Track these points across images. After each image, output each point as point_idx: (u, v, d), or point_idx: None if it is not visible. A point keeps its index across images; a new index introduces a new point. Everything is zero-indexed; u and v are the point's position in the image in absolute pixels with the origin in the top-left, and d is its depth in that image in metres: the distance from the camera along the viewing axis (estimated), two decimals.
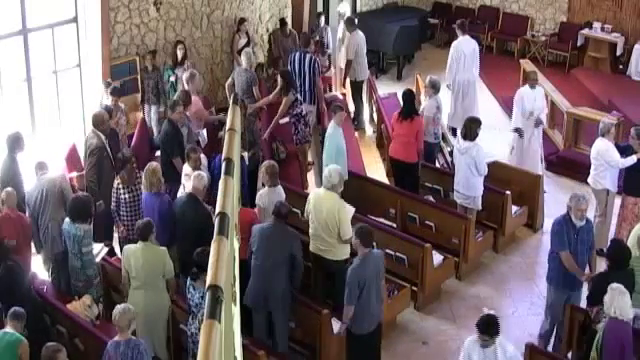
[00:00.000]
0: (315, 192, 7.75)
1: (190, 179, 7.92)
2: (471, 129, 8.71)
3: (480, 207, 8.86)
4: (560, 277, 7.18)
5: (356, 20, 12.66)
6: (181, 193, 8.33)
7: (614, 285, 6.12)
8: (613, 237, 8.21)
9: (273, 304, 6.99)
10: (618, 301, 5.99)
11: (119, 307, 6.01)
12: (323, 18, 13.58)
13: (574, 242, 7.05)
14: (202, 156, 8.74)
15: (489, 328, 5.80)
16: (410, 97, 9.61)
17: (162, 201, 7.67)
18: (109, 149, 8.52)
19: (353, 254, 7.05)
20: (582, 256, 7.12)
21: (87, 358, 6.77)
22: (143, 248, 6.84)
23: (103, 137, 8.47)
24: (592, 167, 8.92)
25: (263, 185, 8.04)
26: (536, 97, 10.26)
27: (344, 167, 8.70)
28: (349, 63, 12.08)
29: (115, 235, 8.96)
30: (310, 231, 7.57)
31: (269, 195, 7.71)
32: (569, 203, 7.08)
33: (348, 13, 12.99)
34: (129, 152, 8.47)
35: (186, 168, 8.44)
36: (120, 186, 7.94)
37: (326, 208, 7.34)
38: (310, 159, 10.92)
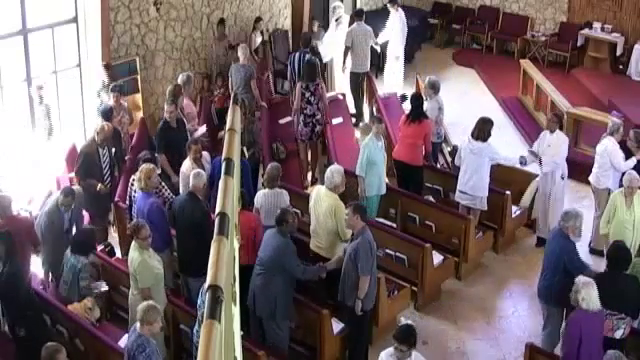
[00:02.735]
0: (317, 189, 7.76)
1: (185, 176, 7.97)
2: (484, 130, 8.67)
3: (486, 207, 8.82)
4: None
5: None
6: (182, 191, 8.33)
7: (583, 278, 6.14)
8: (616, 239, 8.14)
9: (260, 311, 6.97)
10: (589, 293, 5.97)
11: (144, 304, 5.99)
12: (317, 23, 13.36)
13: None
14: (206, 153, 8.75)
15: (408, 337, 5.69)
16: (419, 100, 9.55)
17: (150, 203, 7.58)
18: (99, 154, 8.61)
19: None
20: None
21: (87, 358, 6.77)
22: (133, 246, 6.89)
23: (94, 146, 8.55)
24: (595, 165, 8.87)
25: (263, 185, 8.04)
26: (551, 143, 8.93)
27: (378, 180, 8.63)
28: (346, 50, 12.12)
29: (115, 235, 9.02)
30: (311, 228, 7.58)
31: (265, 197, 7.73)
32: (567, 223, 6.89)
33: (342, 11, 12.97)
34: (148, 154, 8.55)
35: (184, 165, 8.43)
36: (135, 185, 7.99)
37: (325, 207, 7.37)
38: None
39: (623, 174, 8.63)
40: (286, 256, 6.84)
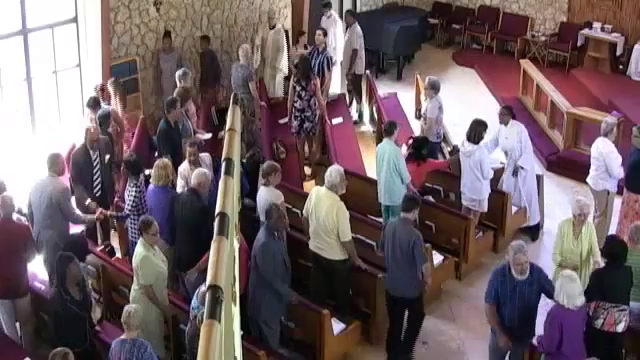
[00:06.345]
0: (316, 190, 7.75)
1: (183, 177, 7.96)
2: (476, 131, 8.66)
3: (486, 209, 8.80)
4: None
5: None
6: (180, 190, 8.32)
7: (565, 272, 6.13)
8: (611, 234, 8.15)
9: (256, 313, 6.97)
10: (567, 289, 5.94)
11: (126, 308, 5.98)
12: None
13: (510, 296, 6.36)
14: (206, 155, 8.72)
15: None
16: (422, 144, 9.26)
17: (167, 197, 7.66)
18: (91, 158, 8.38)
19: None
20: (521, 311, 6.37)
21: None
22: (140, 241, 6.88)
23: (84, 149, 8.36)
24: (592, 167, 8.87)
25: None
26: (507, 135, 9.10)
27: (403, 188, 8.46)
28: (355, 52, 12.13)
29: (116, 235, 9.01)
30: (310, 229, 7.58)
31: (261, 192, 7.78)
32: (507, 256, 6.45)
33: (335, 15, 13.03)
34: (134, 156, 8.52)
35: (182, 166, 8.42)
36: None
37: (325, 208, 7.34)
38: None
39: (625, 169, 8.64)
40: (263, 254, 6.81)
